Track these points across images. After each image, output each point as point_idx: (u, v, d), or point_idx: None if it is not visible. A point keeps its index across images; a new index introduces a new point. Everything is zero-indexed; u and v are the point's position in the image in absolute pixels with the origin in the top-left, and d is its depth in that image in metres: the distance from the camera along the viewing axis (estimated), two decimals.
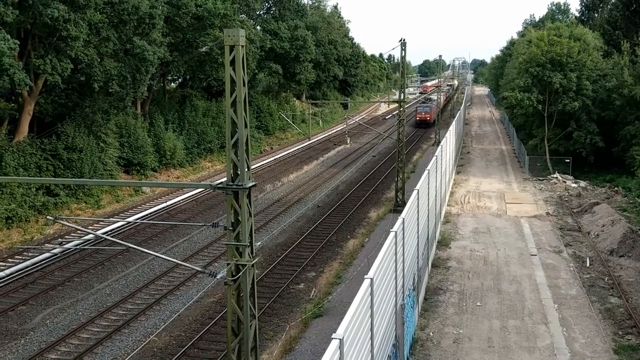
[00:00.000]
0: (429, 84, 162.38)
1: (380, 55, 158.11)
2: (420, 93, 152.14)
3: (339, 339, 7.49)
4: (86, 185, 33.24)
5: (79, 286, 22.40)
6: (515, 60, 50.08)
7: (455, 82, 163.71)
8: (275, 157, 52.43)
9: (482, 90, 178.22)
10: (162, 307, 20.48)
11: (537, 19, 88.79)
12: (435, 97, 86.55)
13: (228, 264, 11.00)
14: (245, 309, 11.12)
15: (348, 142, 62.25)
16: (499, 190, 37.04)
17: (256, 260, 11.25)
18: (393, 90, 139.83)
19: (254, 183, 10.98)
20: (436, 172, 22.46)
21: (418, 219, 16.48)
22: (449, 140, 32.07)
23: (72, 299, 21.21)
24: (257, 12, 62.36)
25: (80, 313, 20.03)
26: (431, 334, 16.51)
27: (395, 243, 12.20)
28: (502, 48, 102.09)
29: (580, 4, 64.01)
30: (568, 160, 42.22)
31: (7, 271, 22.96)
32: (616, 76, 40.58)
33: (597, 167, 42.53)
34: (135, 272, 23.88)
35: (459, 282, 20.54)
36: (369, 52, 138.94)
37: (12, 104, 33.46)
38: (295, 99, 78.96)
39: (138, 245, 21.43)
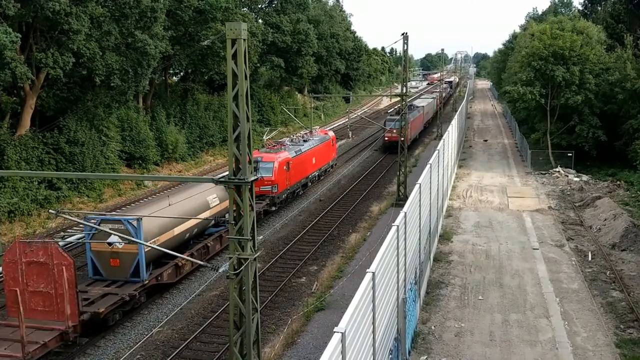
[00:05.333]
0: (435, 75, 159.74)
1: (383, 48, 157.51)
2: (427, 84, 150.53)
3: (341, 332, 7.51)
4: (88, 179, 33.25)
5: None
6: (518, 54, 49.85)
7: (456, 79, 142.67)
8: None
9: (484, 83, 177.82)
10: (165, 301, 20.52)
11: (539, 13, 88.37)
12: (421, 103, 66.25)
13: (230, 258, 11.02)
14: (248, 302, 11.14)
15: (350, 135, 62.18)
16: (501, 184, 37.01)
17: (258, 254, 11.26)
18: (395, 84, 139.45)
19: (255, 177, 10.98)
20: (438, 166, 22.43)
21: (420, 213, 16.49)
22: (451, 134, 32.04)
23: None
24: (259, 6, 62.12)
25: None
26: (433, 327, 16.54)
27: (397, 237, 12.20)
28: (504, 42, 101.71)
29: None
30: (570, 154, 42.12)
31: None
32: (619, 70, 40.39)
33: (600, 161, 42.42)
34: None
35: (460, 276, 20.56)
36: (371, 46, 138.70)
37: (14, 98, 33.48)
38: (297, 93, 78.82)
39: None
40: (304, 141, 36.98)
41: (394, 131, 47.89)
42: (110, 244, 18.63)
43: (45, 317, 15.70)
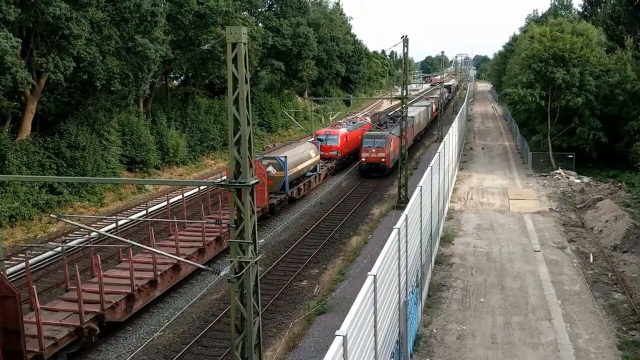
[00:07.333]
0: (437, 77, 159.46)
1: (383, 51, 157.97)
2: (430, 86, 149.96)
3: (343, 335, 7.49)
4: (89, 183, 33.31)
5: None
6: (518, 56, 49.87)
7: (455, 82, 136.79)
8: None
9: (484, 86, 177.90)
10: (166, 305, 20.51)
11: (539, 15, 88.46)
12: (411, 112, 53.37)
13: (231, 261, 11.01)
14: (249, 306, 11.13)
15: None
16: (502, 187, 36.97)
17: (259, 257, 11.26)
18: (396, 87, 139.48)
19: (256, 180, 10.98)
20: (439, 168, 22.41)
21: (421, 216, 16.47)
22: (452, 136, 32.02)
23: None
24: (259, 9, 62.26)
25: None
26: (435, 330, 16.51)
27: (399, 240, 12.18)
28: (504, 44, 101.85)
29: None
30: (571, 156, 42.09)
31: (11, 269, 23.01)
32: (619, 71, 40.39)
33: (601, 162, 42.40)
34: None
35: (462, 279, 20.52)
36: (371, 49, 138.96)
37: (15, 103, 33.51)
38: (297, 96, 78.92)
39: (141, 243, 21.45)
40: (352, 123, 50.26)
41: (374, 150, 41.43)
42: (269, 171, 30.91)
43: None
